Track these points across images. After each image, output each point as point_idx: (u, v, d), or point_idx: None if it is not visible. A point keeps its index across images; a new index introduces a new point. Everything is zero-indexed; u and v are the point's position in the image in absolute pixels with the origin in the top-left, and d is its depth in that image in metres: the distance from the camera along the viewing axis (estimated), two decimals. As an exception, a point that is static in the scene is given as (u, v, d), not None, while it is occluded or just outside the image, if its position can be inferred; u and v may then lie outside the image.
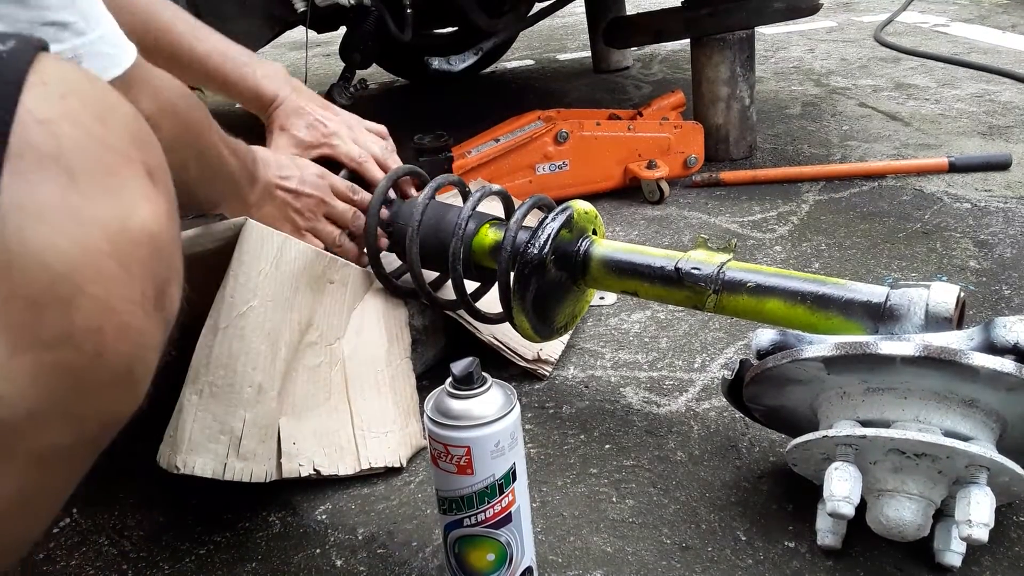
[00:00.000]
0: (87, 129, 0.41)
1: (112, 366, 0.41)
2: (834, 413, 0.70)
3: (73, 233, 0.39)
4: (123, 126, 0.44)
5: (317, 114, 1.00)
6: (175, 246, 0.46)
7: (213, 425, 0.76)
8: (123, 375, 0.41)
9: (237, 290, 0.78)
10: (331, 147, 1.00)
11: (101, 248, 0.40)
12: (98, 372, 0.40)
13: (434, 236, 0.94)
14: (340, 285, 0.91)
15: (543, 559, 0.73)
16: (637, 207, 1.50)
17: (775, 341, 0.72)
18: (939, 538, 0.67)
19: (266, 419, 0.79)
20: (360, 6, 1.48)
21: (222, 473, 0.76)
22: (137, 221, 0.42)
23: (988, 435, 0.66)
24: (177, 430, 0.75)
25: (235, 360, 0.77)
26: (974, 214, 1.33)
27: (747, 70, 1.61)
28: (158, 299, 0.43)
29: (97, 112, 0.43)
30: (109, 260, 0.40)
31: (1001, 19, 2.71)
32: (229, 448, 0.76)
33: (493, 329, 0.99)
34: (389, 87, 2.77)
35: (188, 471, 0.74)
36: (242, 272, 0.79)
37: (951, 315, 0.68)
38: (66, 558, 0.79)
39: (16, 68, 0.40)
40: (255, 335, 0.78)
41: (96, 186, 0.40)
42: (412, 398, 0.92)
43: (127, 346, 0.41)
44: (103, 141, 0.42)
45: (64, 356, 0.39)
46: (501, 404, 0.62)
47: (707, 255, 0.82)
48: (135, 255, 0.41)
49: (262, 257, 0.80)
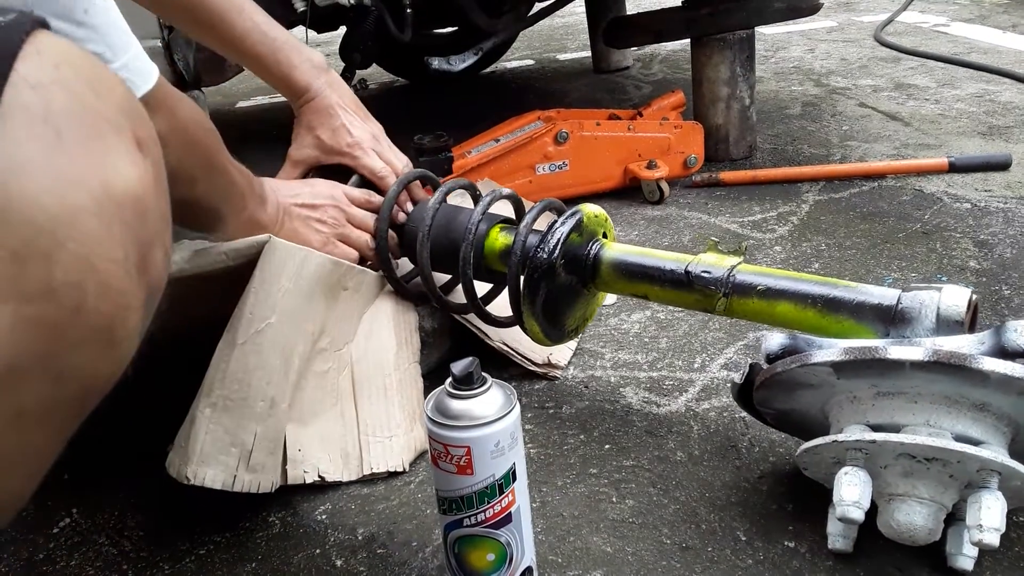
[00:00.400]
0: (78, 96, 0.42)
1: (91, 322, 0.41)
2: (844, 417, 0.70)
3: (57, 190, 0.40)
4: (114, 97, 0.45)
5: (344, 118, 0.99)
6: (160, 213, 0.46)
7: (224, 438, 0.77)
8: (103, 332, 0.42)
9: (257, 307, 0.78)
10: (353, 158, 0.99)
11: (84, 206, 0.40)
12: (77, 327, 0.41)
13: (445, 239, 0.94)
14: (353, 291, 0.92)
15: (543, 559, 0.73)
16: (637, 207, 1.50)
17: (785, 345, 0.71)
18: (951, 542, 0.67)
19: (276, 432, 0.80)
20: (360, 6, 1.49)
21: (231, 485, 0.77)
22: (121, 184, 0.43)
23: (1000, 439, 0.65)
24: (188, 441, 0.76)
25: (250, 375, 0.78)
26: (974, 214, 1.33)
27: (747, 70, 1.61)
28: (140, 262, 0.44)
29: (89, 82, 0.44)
30: (91, 218, 0.41)
31: (1001, 19, 2.71)
32: (239, 461, 0.77)
33: (503, 334, 0.99)
34: (389, 87, 2.77)
35: (198, 482, 0.75)
36: (263, 289, 0.79)
37: (963, 318, 0.67)
38: (66, 558, 0.79)
39: (13, 38, 0.41)
40: (271, 351, 0.79)
41: (82, 148, 0.42)
42: (419, 402, 0.92)
43: (107, 304, 0.42)
44: (93, 108, 0.43)
45: (44, 309, 0.39)
46: (501, 404, 0.62)
47: (717, 258, 0.82)
48: (117, 215, 0.42)
49: (283, 275, 0.81)
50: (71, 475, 0.91)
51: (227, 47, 0.94)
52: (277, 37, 0.96)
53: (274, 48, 0.95)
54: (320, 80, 0.99)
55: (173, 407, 0.83)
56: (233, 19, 0.92)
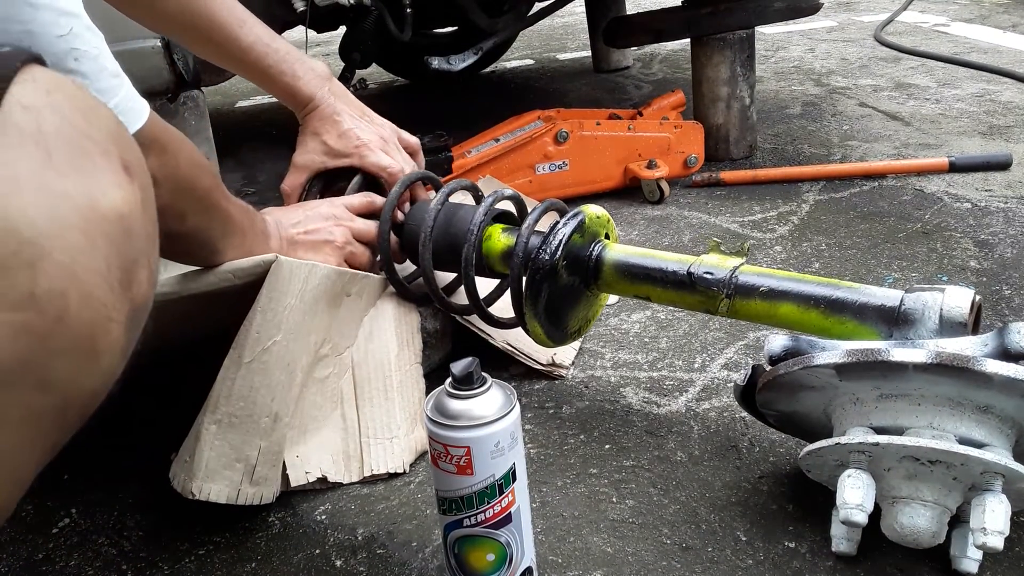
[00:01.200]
0: (68, 119, 0.44)
1: (74, 331, 0.42)
2: (847, 419, 0.70)
3: (44, 204, 0.41)
4: (103, 123, 0.47)
5: (351, 123, 0.99)
6: (146, 234, 0.48)
7: (229, 453, 0.77)
8: (85, 342, 0.43)
9: (264, 326, 0.79)
10: (360, 157, 0.99)
11: (69, 220, 0.42)
12: (60, 336, 0.42)
13: (446, 240, 0.94)
14: (356, 297, 0.92)
15: (543, 559, 0.73)
16: (637, 207, 1.50)
17: (787, 346, 0.71)
18: (955, 545, 0.67)
19: (279, 445, 0.81)
20: (360, 6, 1.49)
21: (235, 499, 0.77)
22: (106, 202, 0.44)
23: (1003, 441, 0.65)
24: (193, 457, 0.77)
25: (256, 393, 0.78)
26: (974, 214, 1.33)
27: (747, 70, 1.61)
28: (124, 277, 0.45)
29: (80, 108, 0.45)
30: (76, 232, 0.42)
31: (1001, 19, 2.71)
32: (244, 475, 0.78)
33: (506, 335, 0.99)
34: (389, 87, 2.77)
35: (203, 497, 0.76)
36: (270, 308, 0.79)
37: (966, 320, 0.67)
38: (66, 558, 0.79)
39: (10, 64, 0.43)
40: (276, 368, 0.80)
41: (71, 166, 0.43)
42: (420, 403, 0.92)
43: (89, 313, 0.43)
44: (82, 131, 0.45)
45: (28, 317, 0.40)
46: (501, 404, 0.62)
47: (720, 259, 0.82)
48: (102, 231, 0.43)
49: (289, 292, 0.81)
50: (71, 475, 0.91)
51: (230, 61, 0.94)
52: (279, 48, 0.96)
53: (278, 60, 0.96)
54: (324, 89, 0.99)
55: (176, 413, 0.83)
56: (236, 33, 0.92)
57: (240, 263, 0.81)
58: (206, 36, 0.91)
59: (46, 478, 0.91)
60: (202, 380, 0.79)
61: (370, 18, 1.51)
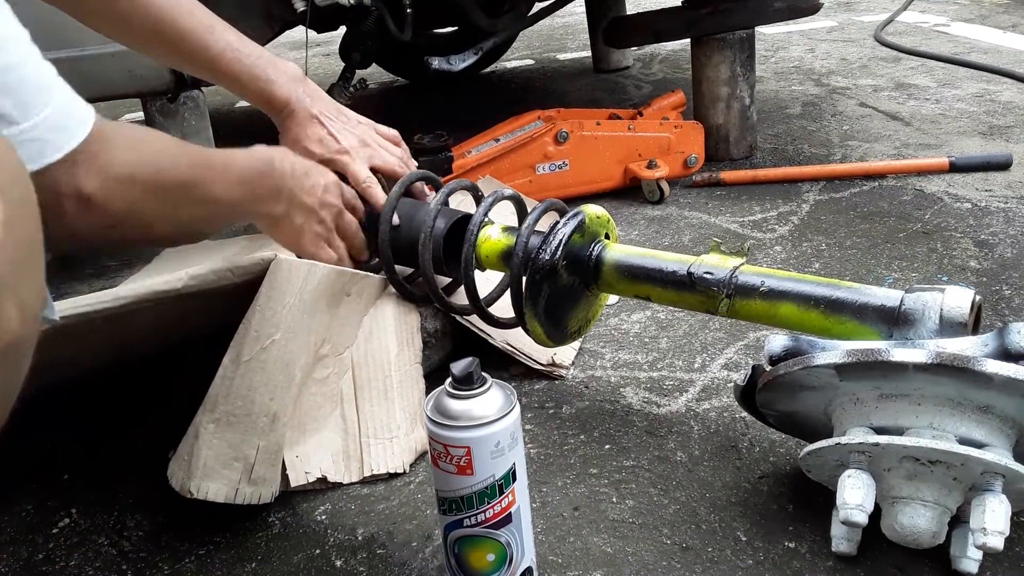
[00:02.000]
0: None
1: None
2: (847, 419, 0.70)
3: None
4: None
5: (330, 126, 0.99)
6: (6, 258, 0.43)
7: (228, 452, 0.77)
8: None
9: (263, 324, 0.79)
10: (342, 165, 0.98)
11: None
12: None
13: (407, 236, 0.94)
14: (356, 297, 0.92)
15: (543, 559, 0.73)
16: (637, 207, 1.50)
17: (787, 346, 0.71)
18: (956, 545, 0.67)
19: (278, 445, 0.81)
20: (360, 6, 1.48)
21: (233, 498, 0.77)
22: None
23: (1004, 441, 0.65)
24: (191, 455, 0.77)
25: (254, 392, 0.78)
26: (974, 214, 1.33)
27: (747, 70, 1.61)
28: None
29: None
30: None
31: (1001, 19, 2.71)
32: (242, 475, 0.78)
33: (506, 335, 0.99)
34: (389, 87, 2.76)
35: (201, 496, 0.76)
36: (268, 307, 0.79)
37: (966, 320, 0.67)
38: (65, 558, 0.79)
39: None
40: (275, 367, 0.80)
41: None
42: (420, 403, 0.92)
43: None
44: None
45: None
46: (501, 404, 0.62)
47: (720, 259, 0.82)
48: None
49: (288, 291, 0.81)
50: (71, 475, 0.91)
51: (202, 69, 0.92)
52: (251, 53, 0.94)
53: (250, 65, 0.94)
54: (299, 91, 0.98)
55: (175, 412, 0.83)
56: (205, 40, 0.90)
57: (239, 260, 0.80)
58: (174, 45, 0.89)
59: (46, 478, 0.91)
60: (201, 379, 0.79)
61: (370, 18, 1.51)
